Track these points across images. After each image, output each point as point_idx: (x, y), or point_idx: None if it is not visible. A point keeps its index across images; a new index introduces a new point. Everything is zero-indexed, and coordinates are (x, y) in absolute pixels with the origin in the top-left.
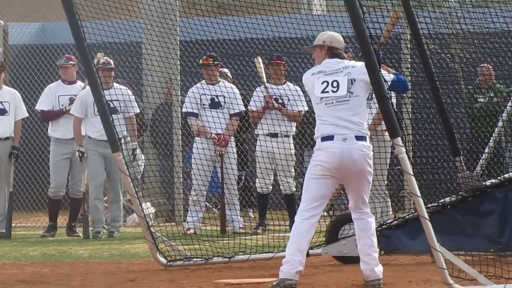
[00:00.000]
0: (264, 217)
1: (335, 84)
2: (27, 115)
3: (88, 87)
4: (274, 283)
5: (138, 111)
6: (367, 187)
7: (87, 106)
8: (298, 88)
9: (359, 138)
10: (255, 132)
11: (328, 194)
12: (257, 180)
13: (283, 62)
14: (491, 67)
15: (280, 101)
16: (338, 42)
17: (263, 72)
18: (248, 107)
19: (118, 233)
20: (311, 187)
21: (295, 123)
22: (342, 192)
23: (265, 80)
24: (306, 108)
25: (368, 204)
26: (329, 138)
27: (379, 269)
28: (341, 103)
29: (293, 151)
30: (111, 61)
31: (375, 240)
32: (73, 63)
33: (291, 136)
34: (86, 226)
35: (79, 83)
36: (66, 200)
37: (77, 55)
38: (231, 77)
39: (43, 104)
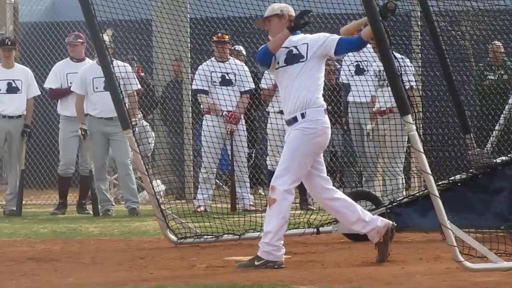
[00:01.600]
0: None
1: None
2: (39, 93)
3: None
4: (256, 262)
5: (138, 88)
6: None
7: (86, 83)
8: None
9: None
10: (267, 109)
11: None
12: (268, 158)
13: None
14: (501, 44)
15: None
16: (293, 12)
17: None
18: (260, 85)
19: (138, 209)
20: (304, 164)
21: None
22: (353, 169)
23: None
24: None
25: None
26: (326, 111)
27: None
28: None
29: None
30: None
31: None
32: (81, 40)
33: None
34: (95, 204)
35: (88, 61)
36: (76, 177)
37: (87, 32)
38: (245, 55)
39: (51, 82)
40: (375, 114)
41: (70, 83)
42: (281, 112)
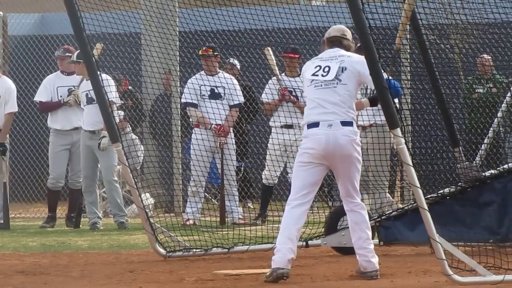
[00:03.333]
0: (265, 209)
1: (326, 69)
2: (16, 109)
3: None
4: (267, 274)
5: (114, 101)
6: (356, 174)
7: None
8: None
9: (345, 123)
10: (269, 124)
11: (318, 181)
12: (264, 171)
13: (297, 56)
14: (490, 57)
15: (294, 93)
16: (334, 30)
17: (275, 63)
18: (261, 99)
19: (127, 222)
20: (300, 175)
21: None
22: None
23: (277, 71)
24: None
25: (359, 194)
26: (315, 125)
27: (375, 260)
28: (329, 87)
29: None
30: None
31: (369, 232)
32: (70, 54)
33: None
34: (78, 216)
35: None
36: (66, 191)
37: (76, 45)
38: (239, 68)
39: (41, 95)
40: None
41: (61, 96)
42: (283, 126)
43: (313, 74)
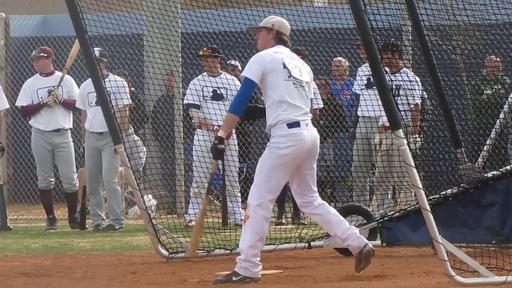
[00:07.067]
0: (283, 208)
1: (297, 68)
2: (7, 106)
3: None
4: (234, 278)
5: (128, 103)
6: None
7: (84, 98)
8: (315, 86)
9: (312, 123)
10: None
11: (283, 185)
12: None
13: (300, 56)
14: (498, 59)
15: None
16: (286, 29)
17: None
18: (259, 100)
19: (118, 226)
20: (274, 177)
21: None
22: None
23: None
24: (322, 105)
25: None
26: (296, 124)
27: (363, 235)
28: (303, 88)
29: None
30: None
31: (340, 215)
32: (45, 54)
33: None
34: (82, 217)
35: (57, 74)
36: (60, 193)
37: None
38: (240, 70)
39: (22, 99)
40: (382, 128)
41: (41, 98)
42: None
43: (291, 72)
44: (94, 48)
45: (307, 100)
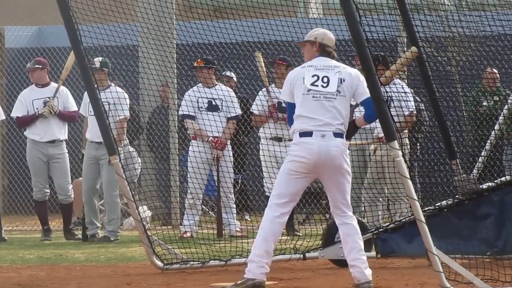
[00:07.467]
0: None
1: (325, 79)
2: (3, 117)
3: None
4: (239, 282)
5: (125, 115)
6: (347, 187)
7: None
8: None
9: (337, 135)
10: (258, 134)
11: (300, 191)
12: (265, 183)
13: (285, 63)
14: (496, 71)
15: (284, 105)
16: (330, 40)
17: (264, 69)
18: (251, 110)
19: (114, 238)
20: (284, 183)
21: None
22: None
23: (266, 82)
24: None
25: (350, 207)
26: (308, 134)
27: (369, 272)
28: (329, 99)
29: None
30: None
31: (362, 243)
32: (40, 66)
33: None
34: (83, 229)
35: (53, 85)
36: (55, 204)
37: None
38: (235, 81)
39: (17, 110)
40: (377, 139)
41: (37, 108)
42: (272, 139)
43: (312, 84)
44: (95, 59)
45: (333, 110)
